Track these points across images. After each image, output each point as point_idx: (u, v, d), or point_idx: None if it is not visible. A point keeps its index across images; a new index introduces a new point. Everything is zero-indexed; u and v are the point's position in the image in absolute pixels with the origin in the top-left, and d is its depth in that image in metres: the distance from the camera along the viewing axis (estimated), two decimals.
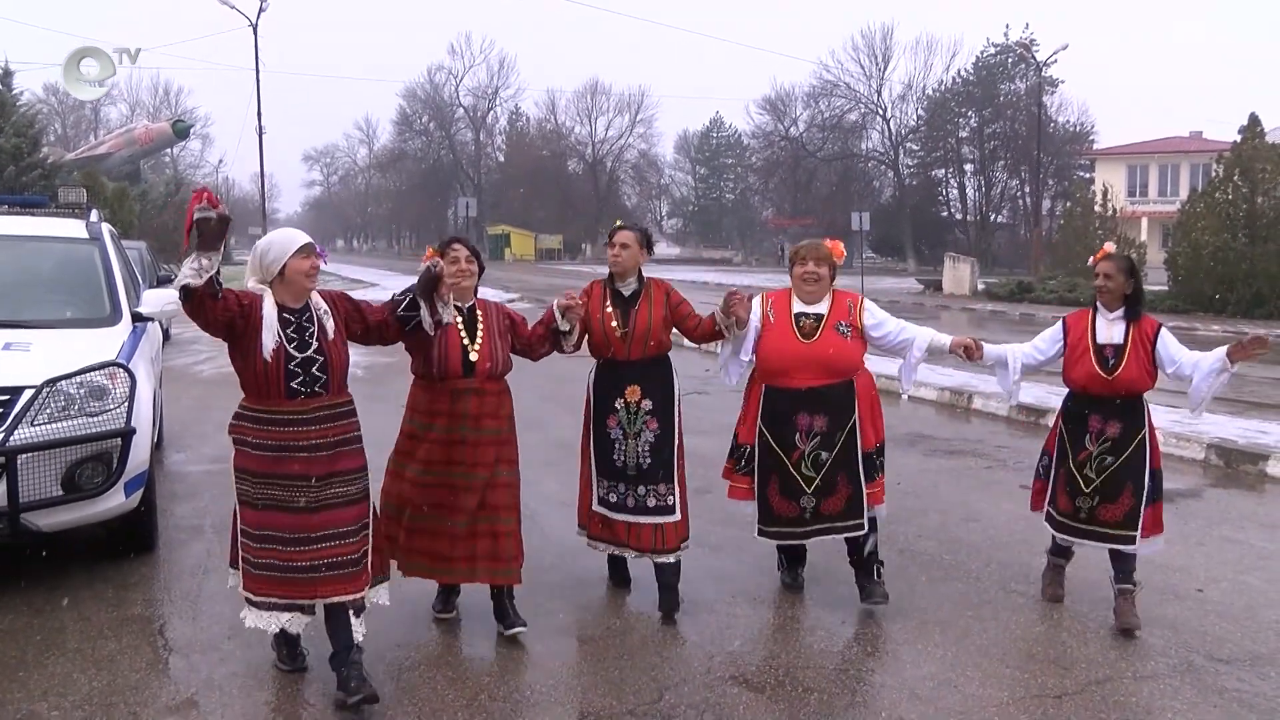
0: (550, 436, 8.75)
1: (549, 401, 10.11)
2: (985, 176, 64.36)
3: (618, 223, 5.59)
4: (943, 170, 67.01)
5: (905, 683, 4.60)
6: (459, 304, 4.85)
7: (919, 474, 8.64)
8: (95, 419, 5.55)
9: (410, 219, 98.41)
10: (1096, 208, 33.38)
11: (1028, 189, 60.59)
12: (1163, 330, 5.34)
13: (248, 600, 4.28)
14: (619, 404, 5.31)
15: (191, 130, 55.48)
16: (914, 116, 66.67)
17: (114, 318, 6.62)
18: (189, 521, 6.96)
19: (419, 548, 4.97)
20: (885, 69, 65.71)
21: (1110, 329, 5.30)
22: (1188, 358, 5.28)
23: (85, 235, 7.50)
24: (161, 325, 9.37)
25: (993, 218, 64.63)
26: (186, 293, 3.93)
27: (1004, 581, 5.90)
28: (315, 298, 4.33)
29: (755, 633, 5.22)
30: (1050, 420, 6.66)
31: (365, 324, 4.55)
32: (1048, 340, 5.52)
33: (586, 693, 4.46)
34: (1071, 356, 5.37)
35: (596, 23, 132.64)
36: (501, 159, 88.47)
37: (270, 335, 4.13)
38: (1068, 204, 39.99)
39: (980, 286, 34.37)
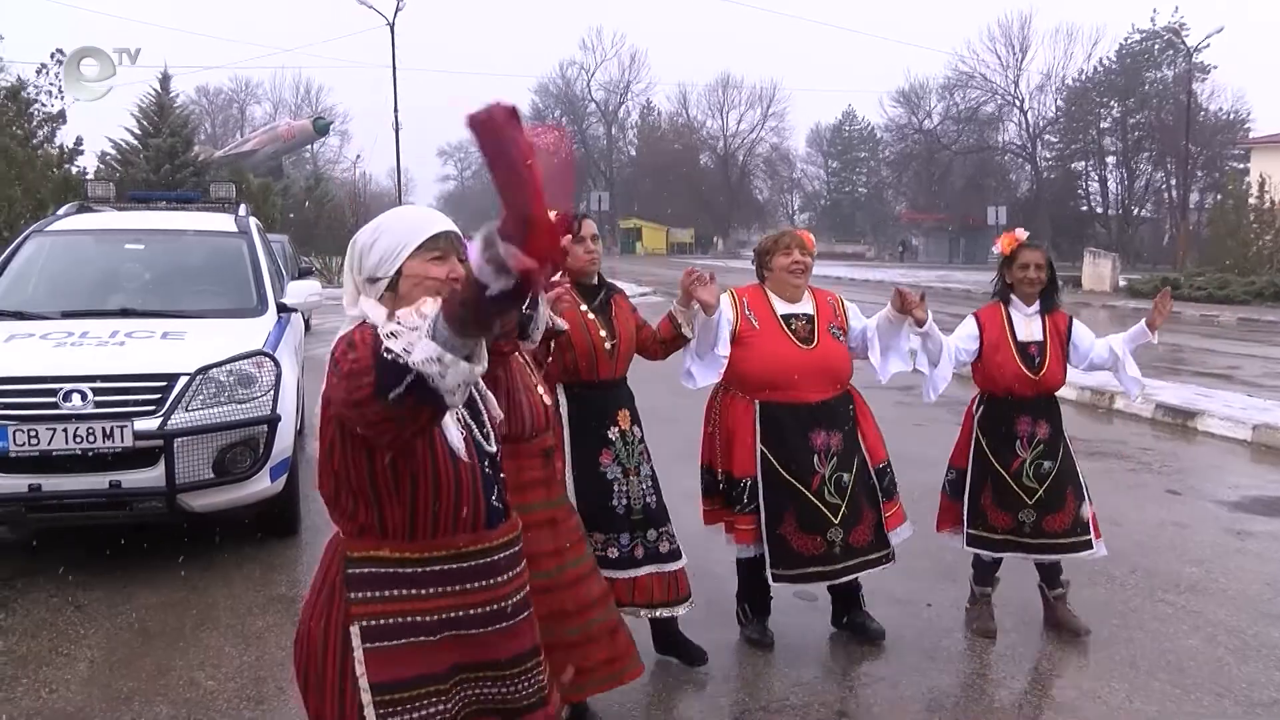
0: (682, 431, 8.68)
1: (680, 397, 10.10)
2: (1128, 169, 62.10)
3: (575, 210, 4.21)
4: (1082, 163, 64.86)
5: (1045, 689, 4.46)
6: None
7: None
8: (243, 406, 5.77)
9: None
10: (1251, 200, 31.78)
11: (1174, 181, 58.13)
12: (1075, 321, 5.02)
13: None
14: (613, 434, 4.21)
15: (331, 127, 57.11)
16: (1053, 107, 64.77)
17: (261, 308, 6.85)
18: None
19: None
20: (1023, 59, 63.96)
21: (1029, 325, 4.90)
22: (1100, 345, 5.03)
23: (235, 229, 7.79)
24: (304, 316, 9.66)
25: (1135, 212, 62.32)
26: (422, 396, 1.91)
27: (1151, 590, 5.67)
28: None
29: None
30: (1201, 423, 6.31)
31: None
32: (968, 337, 4.93)
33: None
34: (992, 357, 4.87)
35: (727, 16, 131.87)
36: (633, 153, 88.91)
37: (455, 420, 2.28)
38: (1218, 197, 38.26)
39: (1122, 283, 33.04)
